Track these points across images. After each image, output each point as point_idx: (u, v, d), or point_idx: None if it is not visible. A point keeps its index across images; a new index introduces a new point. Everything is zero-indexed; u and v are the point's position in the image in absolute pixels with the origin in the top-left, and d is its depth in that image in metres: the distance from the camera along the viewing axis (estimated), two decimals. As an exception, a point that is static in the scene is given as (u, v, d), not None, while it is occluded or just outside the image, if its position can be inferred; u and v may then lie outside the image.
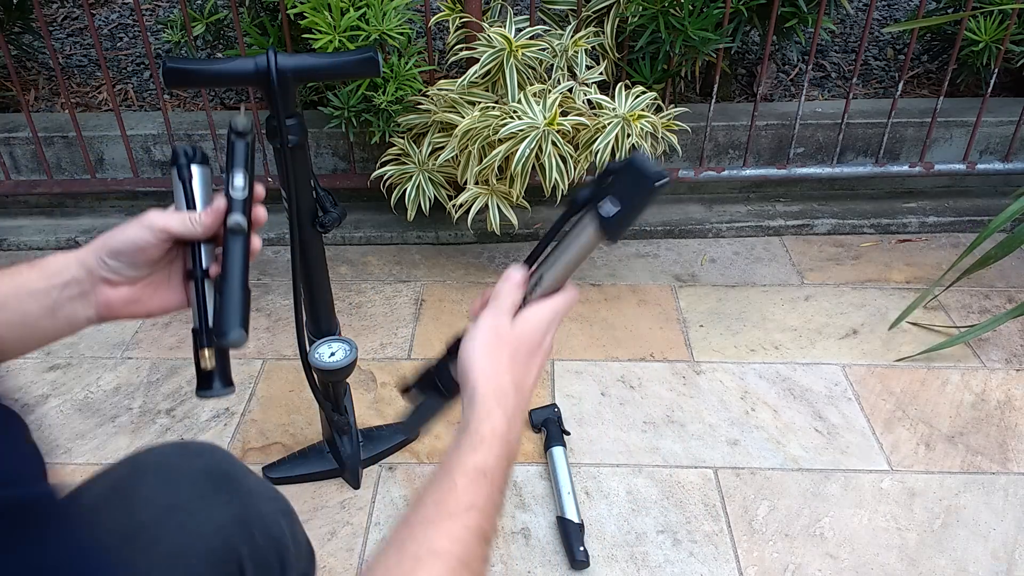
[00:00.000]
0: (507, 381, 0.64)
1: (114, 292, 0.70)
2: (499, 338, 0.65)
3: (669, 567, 1.26)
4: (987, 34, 2.02)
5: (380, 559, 0.54)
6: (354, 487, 1.39)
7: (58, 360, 1.70)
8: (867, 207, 2.17)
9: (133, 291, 0.71)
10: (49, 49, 1.90)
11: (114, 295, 0.70)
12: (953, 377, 1.63)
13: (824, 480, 1.41)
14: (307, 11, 1.63)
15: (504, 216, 1.75)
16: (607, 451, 1.46)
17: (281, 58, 1.00)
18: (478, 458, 0.59)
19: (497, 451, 0.60)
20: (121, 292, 0.70)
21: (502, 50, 1.67)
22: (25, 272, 0.67)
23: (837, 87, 2.39)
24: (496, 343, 0.65)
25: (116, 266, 0.69)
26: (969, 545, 1.29)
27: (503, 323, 0.66)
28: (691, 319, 1.80)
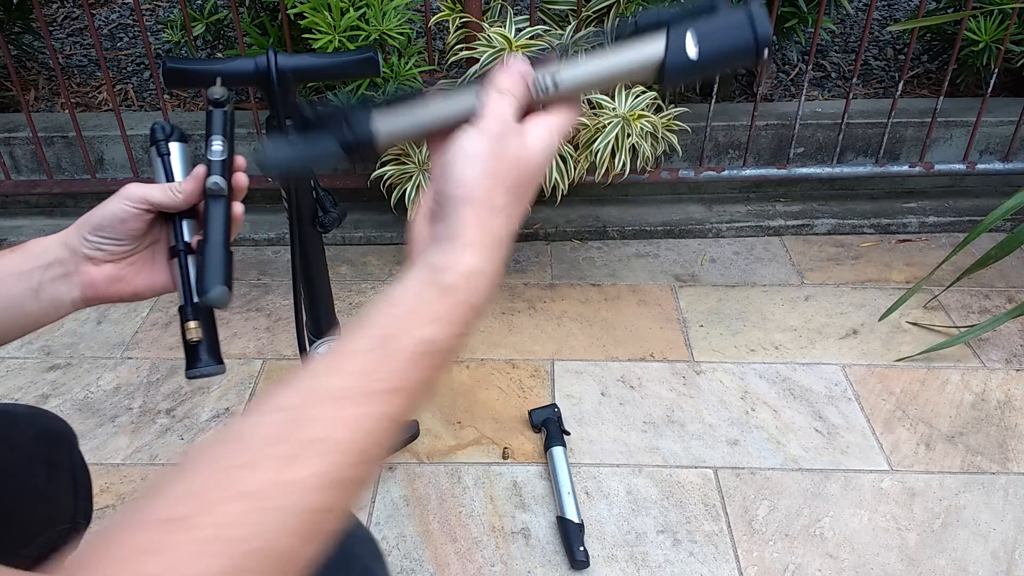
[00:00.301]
0: (501, 221, 0.49)
1: (97, 271, 0.69)
2: (502, 158, 0.49)
3: (669, 567, 1.26)
4: (987, 34, 2.02)
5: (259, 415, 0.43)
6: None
7: (58, 360, 1.70)
8: (867, 207, 2.17)
9: (117, 269, 0.70)
10: (49, 49, 1.90)
11: (98, 274, 0.69)
12: (953, 377, 1.63)
13: (824, 480, 1.41)
14: (307, 11, 1.63)
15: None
16: (607, 451, 1.46)
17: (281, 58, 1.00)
18: (437, 332, 0.46)
19: (462, 318, 0.47)
20: (105, 270, 0.69)
21: (502, 50, 1.67)
22: (6, 255, 0.66)
23: (837, 87, 2.39)
24: (498, 161, 0.49)
25: (98, 241, 0.68)
26: (969, 545, 1.29)
27: (511, 132, 0.50)
28: (691, 319, 1.80)
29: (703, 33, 0.49)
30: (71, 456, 0.90)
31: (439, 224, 0.49)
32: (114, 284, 0.70)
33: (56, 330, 1.78)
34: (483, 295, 0.49)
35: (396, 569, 1.26)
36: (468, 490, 1.39)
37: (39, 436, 0.85)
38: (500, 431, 1.51)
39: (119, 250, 0.69)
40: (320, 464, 0.42)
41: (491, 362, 1.68)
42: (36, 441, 0.84)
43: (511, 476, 1.42)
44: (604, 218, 2.12)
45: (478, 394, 1.59)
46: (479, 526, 1.33)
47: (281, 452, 0.41)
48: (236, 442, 0.42)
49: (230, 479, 0.40)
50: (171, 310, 1.82)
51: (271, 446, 0.42)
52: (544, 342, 1.73)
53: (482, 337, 1.74)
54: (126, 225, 0.68)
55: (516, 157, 0.50)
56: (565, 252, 2.05)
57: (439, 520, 1.34)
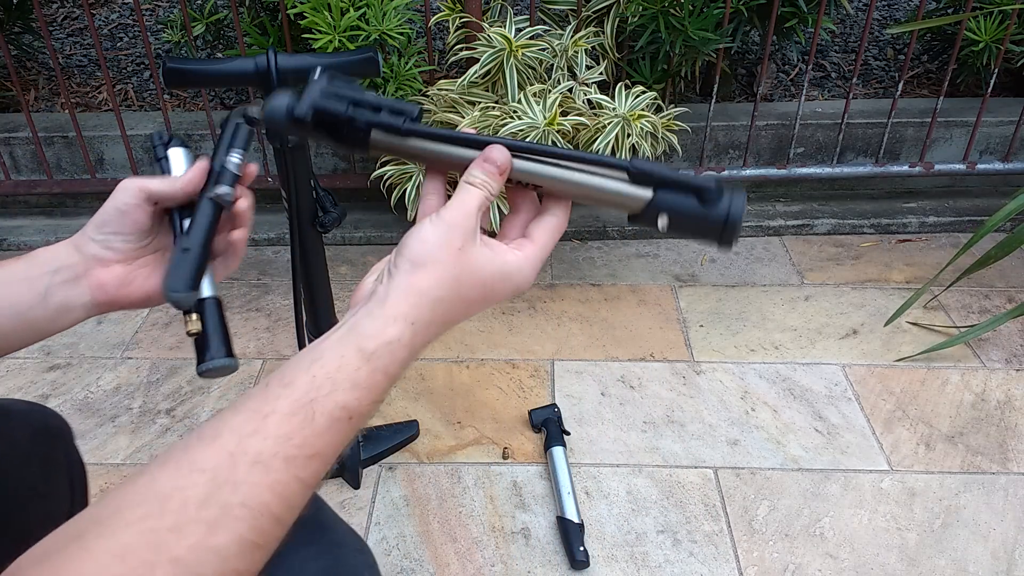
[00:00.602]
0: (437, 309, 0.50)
1: (107, 272, 0.67)
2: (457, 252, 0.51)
3: (669, 567, 1.26)
4: (987, 34, 2.02)
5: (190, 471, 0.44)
6: (354, 487, 1.39)
7: (58, 360, 1.70)
8: (867, 207, 2.17)
9: (126, 270, 0.68)
10: (49, 49, 1.90)
11: (107, 275, 0.67)
12: (953, 377, 1.63)
13: (824, 480, 1.41)
14: (307, 11, 1.63)
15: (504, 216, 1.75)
16: (607, 451, 1.46)
17: (281, 58, 1.00)
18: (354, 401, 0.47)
19: (377, 397, 0.49)
20: (114, 271, 0.67)
21: (502, 50, 1.67)
22: (12, 263, 0.65)
23: (837, 87, 2.39)
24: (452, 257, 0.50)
25: (103, 239, 0.66)
26: (969, 545, 1.29)
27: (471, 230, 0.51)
28: (691, 319, 1.80)
29: (675, 219, 0.53)
30: (67, 452, 0.90)
31: (381, 284, 0.51)
32: (125, 287, 0.68)
33: (56, 330, 1.78)
34: (400, 366, 0.49)
35: (396, 569, 1.26)
36: (468, 490, 1.39)
37: (35, 432, 0.85)
38: (500, 431, 1.51)
39: (126, 247, 0.68)
40: (242, 528, 0.43)
41: (491, 362, 1.68)
42: (32, 437, 0.84)
43: (511, 476, 1.42)
44: (604, 218, 2.12)
45: (478, 394, 1.59)
46: (479, 526, 1.33)
47: (207, 517, 0.42)
48: (162, 502, 0.43)
49: (160, 543, 0.41)
50: (171, 310, 1.82)
51: (197, 510, 0.42)
52: (544, 342, 1.73)
53: (482, 337, 1.74)
54: (128, 218, 0.66)
55: (471, 266, 0.51)
56: (565, 252, 2.05)
57: (439, 520, 1.34)
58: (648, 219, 0.54)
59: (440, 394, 1.59)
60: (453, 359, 1.69)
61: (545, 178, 0.55)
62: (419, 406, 1.56)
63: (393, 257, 0.51)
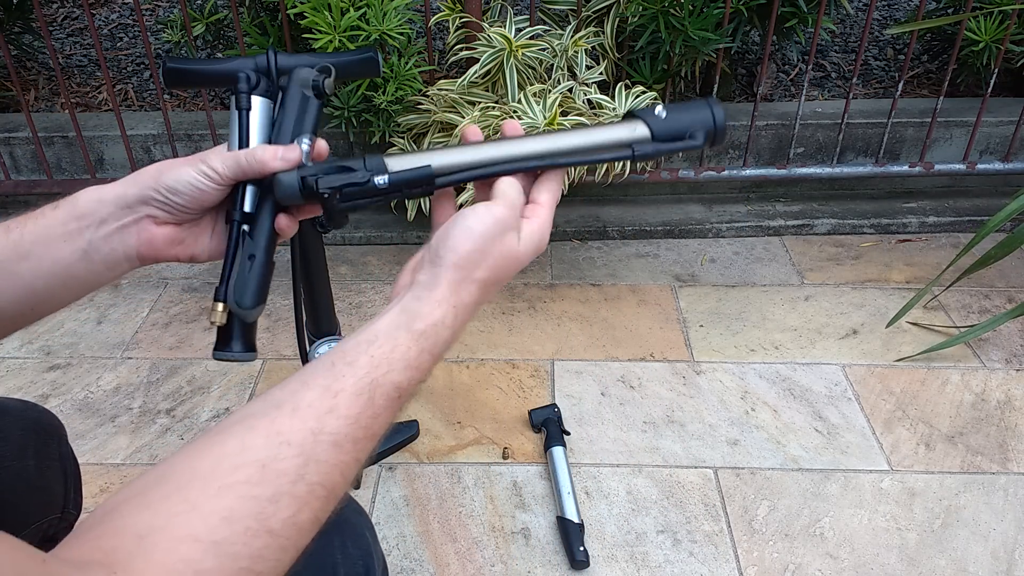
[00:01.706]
0: (475, 292, 0.54)
1: (158, 230, 0.63)
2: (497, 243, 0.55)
3: (669, 567, 1.26)
4: (987, 34, 2.02)
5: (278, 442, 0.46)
6: (354, 487, 1.39)
7: (58, 360, 1.70)
8: (867, 207, 2.17)
9: (178, 231, 0.65)
10: (49, 49, 1.90)
11: (158, 233, 0.63)
12: (953, 377, 1.63)
13: (824, 480, 1.41)
14: (307, 11, 1.63)
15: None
16: (607, 451, 1.46)
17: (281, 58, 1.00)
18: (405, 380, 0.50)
19: (426, 365, 0.52)
20: (165, 231, 0.64)
21: (502, 50, 1.67)
22: (50, 214, 0.61)
23: (837, 87, 2.39)
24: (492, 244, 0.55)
25: (167, 203, 0.62)
26: (969, 545, 1.29)
27: (512, 224, 0.56)
28: (691, 319, 1.80)
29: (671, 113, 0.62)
30: (60, 448, 0.91)
31: (421, 273, 0.54)
32: (173, 246, 0.65)
33: (56, 330, 1.78)
34: (444, 347, 0.53)
35: (396, 569, 1.26)
36: (468, 490, 1.39)
37: (29, 428, 0.86)
38: (500, 431, 1.51)
39: (185, 216, 0.64)
40: (318, 507, 0.46)
41: (491, 362, 1.68)
42: (26, 433, 0.85)
43: (511, 476, 1.42)
44: (604, 218, 2.12)
45: (478, 394, 1.59)
46: (479, 526, 1.33)
47: (298, 493, 0.45)
48: (261, 470, 0.45)
49: (261, 512, 0.43)
50: (171, 310, 1.82)
51: (292, 485, 0.45)
52: (544, 342, 1.73)
53: (482, 337, 1.74)
54: (202, 196, 0.63)
55: (509, 249, 0.56)
56: (565, 252, 2.05)
57: (439, 520, 1.34)
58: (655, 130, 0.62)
59: (440, 394, 1.59)
60: (453, 359, 1.69)
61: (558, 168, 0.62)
62: (419, 406, 1.56)
63: (435, 246, 0.55)
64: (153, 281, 1.93)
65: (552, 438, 1.45)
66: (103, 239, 0.61)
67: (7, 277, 0.60)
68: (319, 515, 0.46)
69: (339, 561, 0.64)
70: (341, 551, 0.65)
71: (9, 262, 0.60)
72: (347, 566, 0.65)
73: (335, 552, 0.65)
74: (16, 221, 0.61)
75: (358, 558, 0.67)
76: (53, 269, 0.60)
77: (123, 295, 1.90)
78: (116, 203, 0.62)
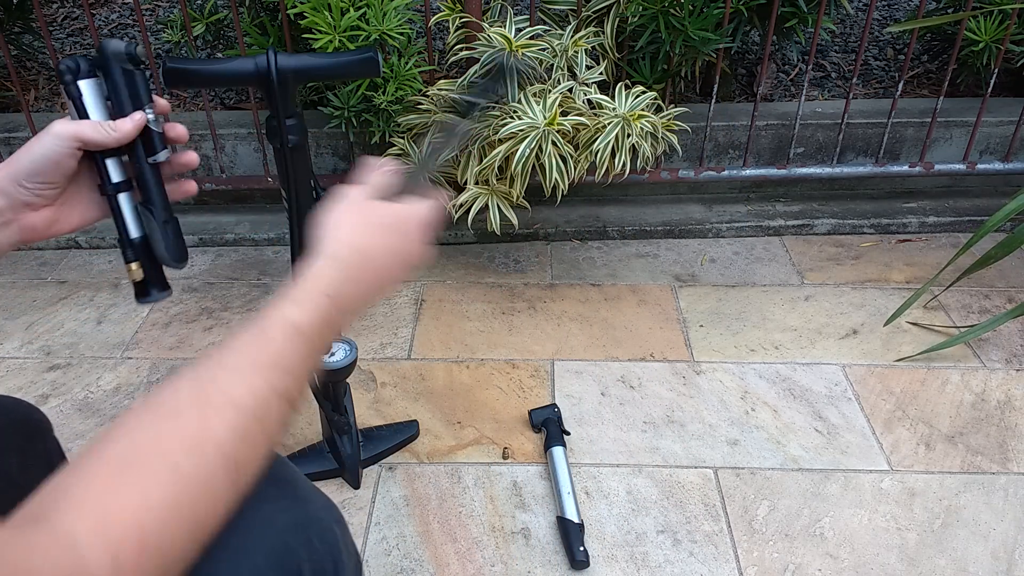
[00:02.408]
0: (352, 247, 0.64)
1: (36, 215, 0.71)
2: (356, 205, 0.66)
3: (669, 567, 1.26)
4: (987, 34, 2.03)
5: (174, 386, 0.53)
6: (354, 487, 1.39)
7: (58, 360, 1.70)
8: (867, 207, 2.17)
9: (53, 211, 0.72)
10: (49, 49, 1.90)
11: (37, 218, 0.71)
12: (953, 377, 1.63)
13: (824, 480, 1.41)
14: (307, 11, 1.63)
15: (504, 216, 1.75)
16: (607, 451, 1.46)
17: (281, 58, 1.00)
18: (299, 315, 0.58)
19: (321, 313, 0.59)
20: (43, 214, 0.71)
21: (502, 50, 1.67)
22: None
23: (837, 87, 2.39)
24: (351, 209, 0.66)
25: (35, 187, 0.69)
26: (969, 545, 1.29)
27: (363, 195, 0.68)
28: (691, 319, 1.80)
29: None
30: (46, 443, 0.91)
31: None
32: (52, 225, 0.72)
33: (56, 330, 1.78)
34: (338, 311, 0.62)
35: (396, 569, 1.26)
36: (468, 490, 1.39)
37: (10, 425, 0.86)
38: (500, 431, 1.51)
39: (55, 193, 0.71)
40: (229, 416, 0.52)
41: (491, 362, 1.68)
42: (6, 429, 0.85)
43: (511, 476, 1.42)
44: (604, 218, 2.12)
45: (478, 394, 1.59)
46: (479, 526, 1.33)
47: (200, 408, 0.52)
48: (161, 406, 0.52)
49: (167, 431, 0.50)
50: (171, 310, 1.83)
51: (193, 403, 0.52)
52: (544, 342, 1.73)
53: (482, 337, 1.74)
54: (60, 167, 0.69)
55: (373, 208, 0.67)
56: (565, 252, 2.05)
57: (439, 520, 1.34)
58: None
59: (440, 394, 1.59)
60: (453, 359, 1.69)
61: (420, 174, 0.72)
62: (419, 406, 1.56)
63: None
64: (153, 281, 1.93)
65: (552, 438, 1.45)
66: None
67: None
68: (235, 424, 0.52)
69: (304, 559, 0.66)
70: (307, 549, 0.66)
71: None
72: (313, 563, 0.66)
73: (300, 552, 0.65)
74: None
75: (325, 553, 0.68)
76: None
77: (123, 295, 1.90)
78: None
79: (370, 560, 1.27)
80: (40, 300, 1.89)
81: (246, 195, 2.15)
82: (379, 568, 1.26)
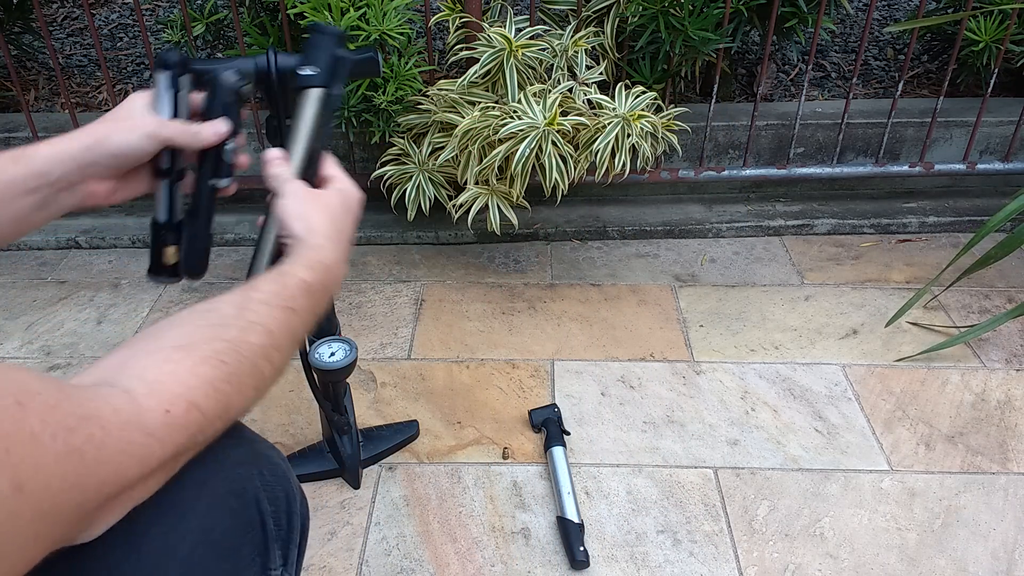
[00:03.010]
0: (328, 230, 0.75)
1: (100, 185, 0.77)
2: (310, 198, 0.77)
3: (669, 567, 1.26)
4: (987, 34, 2.03)
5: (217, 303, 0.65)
6: (354, 487, 1.39)
7: (58, 360, 1.70)
8: (867, 207, 2.17)
9: (117, 183, 0.79)
10: (49, 49, 1.90)
11: (100, 187, 0.78)
12: (953, 377, 1.63)
13: (824, 480, 1.41)
14: (307, 11, 1.63)
15: (504, 216, 1.75)
16: (607, 451, 1.46)
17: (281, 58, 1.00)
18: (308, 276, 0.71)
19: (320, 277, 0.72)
20: (106, 184, 0.78)
21: (502, 50, 1.67)
22: (11, 168, 0.72)
23: (837, 87, 2.39)
24: (309, 202, 0.77)
25: (112, 165, 0.76)
26: (969, 545, 1.29)
27: (302, 187, 0.79)
28: (691, 319, 1.80)
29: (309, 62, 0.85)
30: None
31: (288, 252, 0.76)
32: (112, 195, 0.79)
33: (56, 330, 1.78)
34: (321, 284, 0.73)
35: (396, 569, 1.26)
36: (468, 490, 1.39)
37: None
38: (500, 431, 1.51)
39: (125, 172, 0.79)
40: (261, 336, 0.64)
41: (491, 362, 1.68)
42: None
43: (511, 476, 1.42)
44: (604, 218, 2.12)
45: (478, 394, 1.59)
46: (479, 526, 1.33)
47: (240, 323, 0.64)
48: (209, 313, 0.64)
49: (215, 332, 0.62)
50: (171, 310, 1.82)
51: (235, 318, 0.64)
52: (544, 342, 1.73)
53: (482, 337, 1.74)
54: (141, 158, 0.78)
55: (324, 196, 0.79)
56: (565, 252, 2.05)
57: (439, 520, 1.34)
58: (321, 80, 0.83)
59: (440, 394, 1.59)
60: (453, 359, 1.69)
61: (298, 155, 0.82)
62: (419, 406, 1.56)
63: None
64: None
65: (552, 438, 1.45)
66: (55, 194, 0.74)
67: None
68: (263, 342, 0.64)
69: (259, 487, 0.70)
70: (260, 479, 0.71)
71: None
72: (268, 493, 0.71)
73: (255, 481, 0.70)
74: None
75: (276, 484, 0.72)
76: (12, 216, 0.72)
77: (123, 295, 1.90)
78: (69, 164, 0.74)
79: (370, 560, 1.27)
80: (40, 300, 1.89)
81: (246, 195, 2.15)
82: (379, 568, 1.26)
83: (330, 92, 0.83)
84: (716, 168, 2.07)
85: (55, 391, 0.48)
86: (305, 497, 0.80)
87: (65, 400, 0.48)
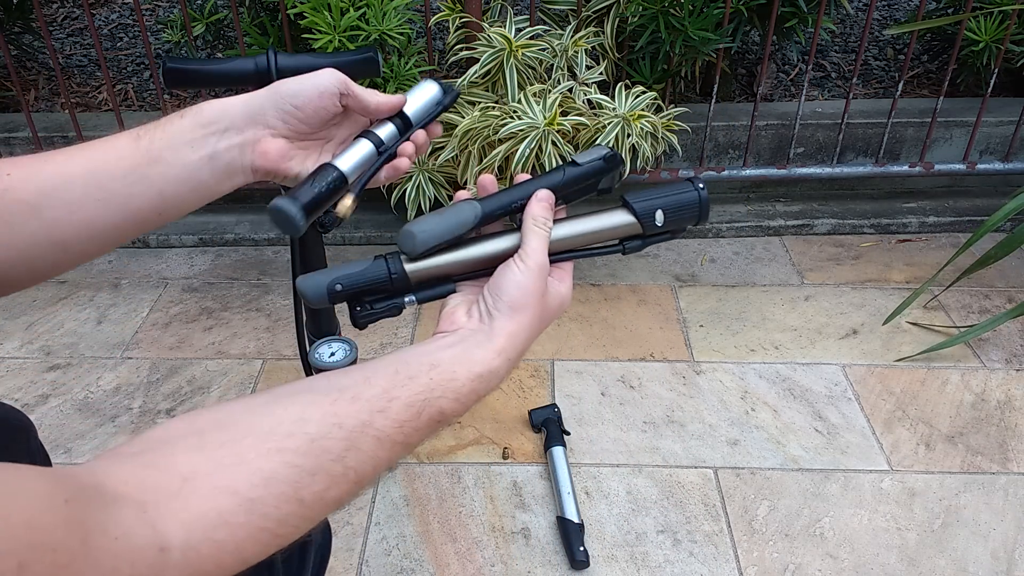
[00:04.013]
0: (520, 349, 0.60)
1: (273, 143, 0.68)
2: (538, 307, 0.60)
3: (669, 567, 1.26)
4: (987, 34, 2.03)
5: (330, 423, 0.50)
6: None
7: (58, 360, 1.70)
8: (867, 207, 2.17)
9: (289, 147, 0.70)
10: (49, 49, 1.90)
11: (272, 145, 0.68)
12: (953, 377, 1.63)
13: (824, 480, 1.41)
14: (307, 11, 1.63)
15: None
16: (607, 451, 1.46)
17: (281, 58, 1.00)
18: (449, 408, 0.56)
19: (471, 402, 0.57)
20: (279, 144, 0.69)
21: (502, 50, 1.67)
22: (177, 122, 0.65)
23: (837, 87, 2.39)
24: (541, 290, 0.60)
25: (289, 110, 0.68)
26: (969, 545, 1.29)
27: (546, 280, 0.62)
28: (691, 319, 1.80)
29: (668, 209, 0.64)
30: (29, 445, 0.90)
31: (481, 318, 0.60)
32: (284, 161, 0.70)
33: (56, 330, 1.78)
34: (489, 391, 0.58)
35: (396, 569, 1.26)
36: (468, 490, 1.39)
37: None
38: (500, 431, 1.51)
39: (299, 128, 0.69)
40: (345, 488, 0.50)
41: (491, 362, 1.67)
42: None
43: (511, 476, 1.42)
44: (604, 218, 2.12)
45: (478, 394, 1.59)
46: (479, 526, 1.33)
47: (334, 472, 0.49)
48: (309, 444, 0.49)
49: (298, 481, 0.47)
50: (171, 310, 1.82)
51: (332, 463, 0.49)
52: (544, 342, 1.73)
53: (482, 337, 1.74)
54: (321, 102, 0.68)
55: (548, 304, 0.61)
56: (565, 252, 2.05)
57: (439, 520, 1.34)
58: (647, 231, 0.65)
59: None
60: (453, 359, 1.69)
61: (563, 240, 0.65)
62: (419, 406, 1.56)
63: (489, 297, 0.60)
64: (153, 281, 1.93)
65: (552, 438, 1.45)
66: (225, 148, 0.66)
67: (140, 181, 0.63)
68: (344, 497, 0.50)
69: None
70: None
71: (141, 167, 0.64)
72: None
73: None
74: (144, 129, 0.65)
75: None
76: (180, 174, 0.64)
77: (123, 295, 1.90)
78: (239, 113, 0.66)
79: (370, 560, 1.27)
80: (40, 300, 1.89)
81: (246, 195, 2.15)
82: (379, 568, 1.26)
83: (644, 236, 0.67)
84: (716, 168, 2.07)
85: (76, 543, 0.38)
86: (329, 527, 0.76)
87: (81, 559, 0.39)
